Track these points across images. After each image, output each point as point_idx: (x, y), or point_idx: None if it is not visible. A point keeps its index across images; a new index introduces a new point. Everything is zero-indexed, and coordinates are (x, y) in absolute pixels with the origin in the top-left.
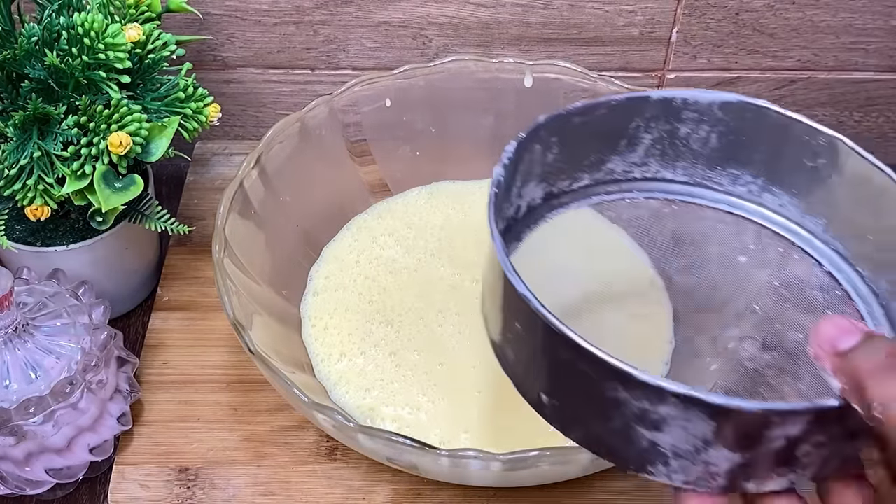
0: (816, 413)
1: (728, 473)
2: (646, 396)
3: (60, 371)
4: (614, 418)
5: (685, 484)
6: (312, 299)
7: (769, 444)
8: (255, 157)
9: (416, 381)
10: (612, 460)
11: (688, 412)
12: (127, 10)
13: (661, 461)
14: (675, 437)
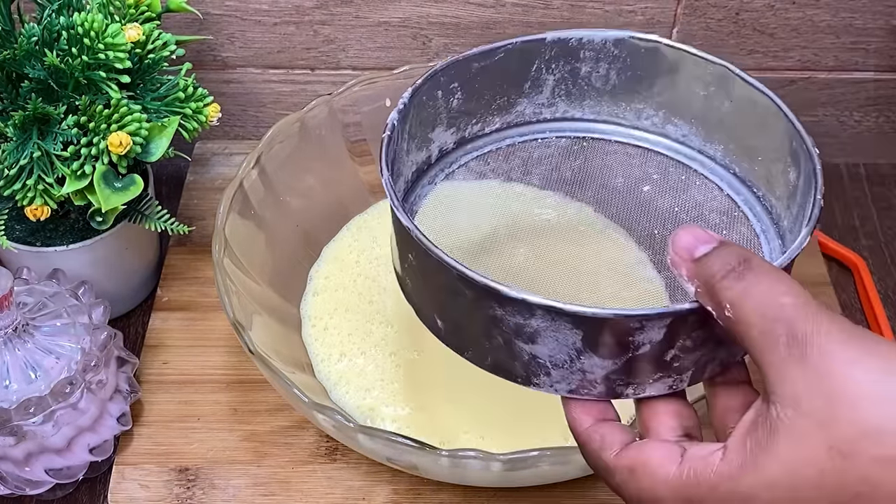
0: (673, 316)
1: (605, 380)
2: (517, 311)
3: (60, 371)
4: (496, 335)
5: (569, 393)
6: (312, 299)
7: (636, 350)
8: (255, 157)
9: (416, 381)
10: (502, 375)
11: (555, 323)
12: (127, 10)
13: (544, 372)
14: (549, 349)
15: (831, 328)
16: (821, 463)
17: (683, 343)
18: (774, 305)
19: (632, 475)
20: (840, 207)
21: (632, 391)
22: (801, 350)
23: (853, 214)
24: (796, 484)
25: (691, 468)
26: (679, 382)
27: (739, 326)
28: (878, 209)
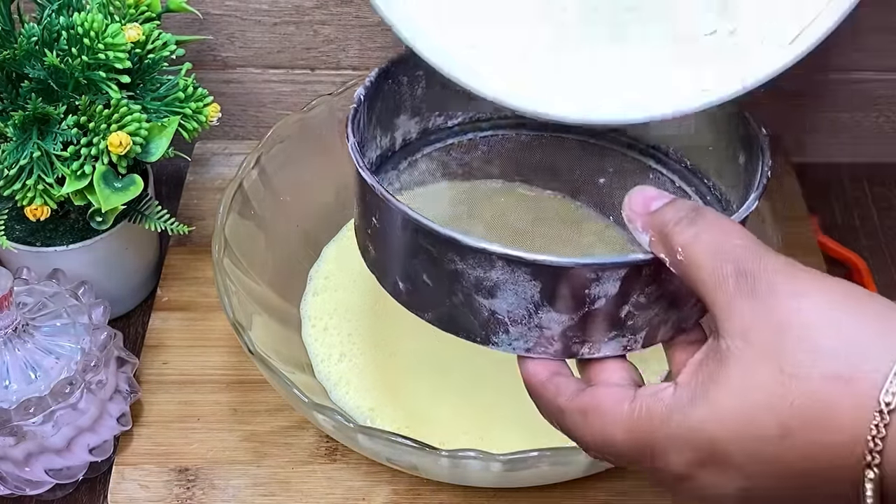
0: (628, 267)
1: (562, 337)
2: (478, 263)
3: (60, 371)
4: (456, 291)
5: (526, 352)
6: (312, 299)
7: (592, 305)
8: (255, 157)
9: (417, 381)
10: (462, 335)
11: (514, 274)
12: (127, 9)
13: (502, 330)
14: (508, 303)
15: (778, 265)
16: (771, 387)
17: (637, 299)
18: (724, 246)
19: (584, 418)
20: (840, 207)
21: (587, 350)
22: (750, 285)
23: (853, 214)
24: (747, 409)
25: (642, 405)
26: (633, 343)
27: (690, 269)
28: (878, 209)
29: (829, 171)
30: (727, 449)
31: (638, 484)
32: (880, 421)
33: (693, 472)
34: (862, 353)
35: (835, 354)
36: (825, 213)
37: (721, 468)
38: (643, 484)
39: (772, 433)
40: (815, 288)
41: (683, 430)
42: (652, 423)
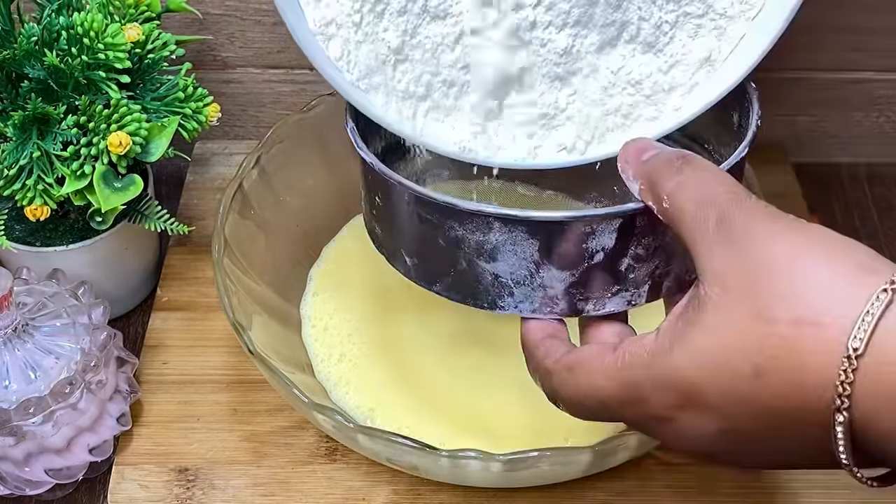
0: (621, 217)
1: (565, 295)
2: (476, 227)
3: (60, 371)
4: (459, 258)
5: (533, 313)
6: (312, 299)
7: (591, 259)
8: (255, 157)
9: (417, 381)
10: (470, 302)
11: (512, 234)
12: (126, 9)
13: (507, 293)
14: (510, 265)
15: (757, 211)
16: (743, 329)
17: (636, 251)
18: (708, 193)
19: (570, 373)
20: (840, 208)
21: (592, 307)
22: (729, 231)
23: (853, 215)
24: (722, 350)
25: (626, 352)
26: (637, 297)
27: (675, 216)
28: (878, 209)
29: (829, 171)
30: (704, 389)
31: (638, 484)
32: (848, 366)
33: (674, 415)
34: (831, 298)
35: (804, 299)
36: (825, 213)
37: (700, 409)
38: (643, 484)
39: (746, 373)
40: (791, 233)
41: (664, 373)
42: (634, 368)
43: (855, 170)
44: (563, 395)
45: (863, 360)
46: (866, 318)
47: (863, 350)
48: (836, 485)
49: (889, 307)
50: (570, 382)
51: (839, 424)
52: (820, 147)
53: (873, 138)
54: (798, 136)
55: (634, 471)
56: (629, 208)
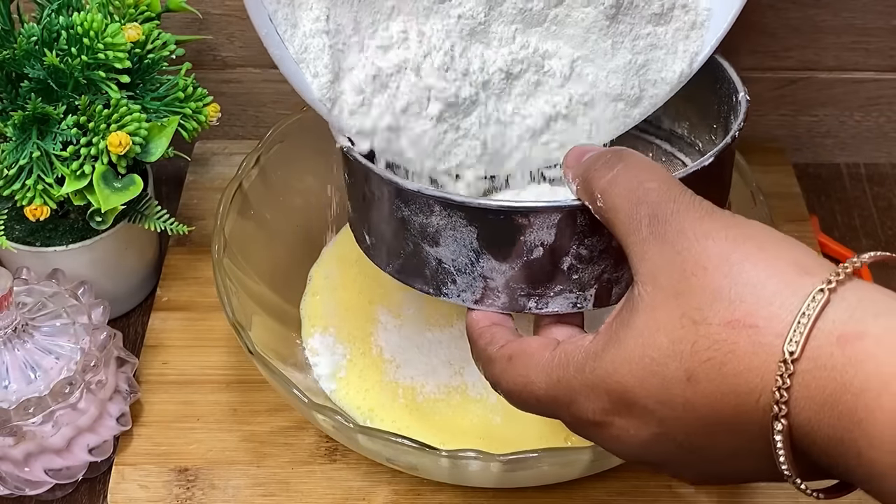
0: (559, 212)
1: (507, 289)
2: (419, 209)
3: (60, 371)
4: (407, 240)
5: (475, 304)
6: (312, 299)
7: (530, 253)
8: (255, 157)
9: (417, 381)
10: (417, 286)
11: (451, 219)
12: (126, 9)
13: (450, 280)
14: (451, 251)
15: (690, 207)
16: (673, 331)
17: (578, 250)
18: (639, 189)
19: (510, 363)
20: (840, 207)
21: (534, 304)
22: (662, 228)
23: (853, 214)
24: (649, 353)
25: (563, 351)
26: (583, 300)
27: (609, 213)
28: (878, 209)
29: (829, 171)
30: (637, 394)
31: (638, 484)
32: (784, 371)
33: (608, 419)
34: (766, 298)
35: (738, 299)
36: (825, 213)
37: (634, 414)
38: (643, 484)
39: (677, 378)
40: (726, 230)
41: (596, 377)
42: (568, 369)
43: (855, 170)
44: (502, 384)
45: (799, 364)
46: (802, 321)
47: (799, 354)
48: None
49: (825, 308)
50: (509, 372)
51: (778, 433)
52: (820, 147)
53: (873, 138)
54: (798, 136)
55: (634, 471)
56: (567, 203)
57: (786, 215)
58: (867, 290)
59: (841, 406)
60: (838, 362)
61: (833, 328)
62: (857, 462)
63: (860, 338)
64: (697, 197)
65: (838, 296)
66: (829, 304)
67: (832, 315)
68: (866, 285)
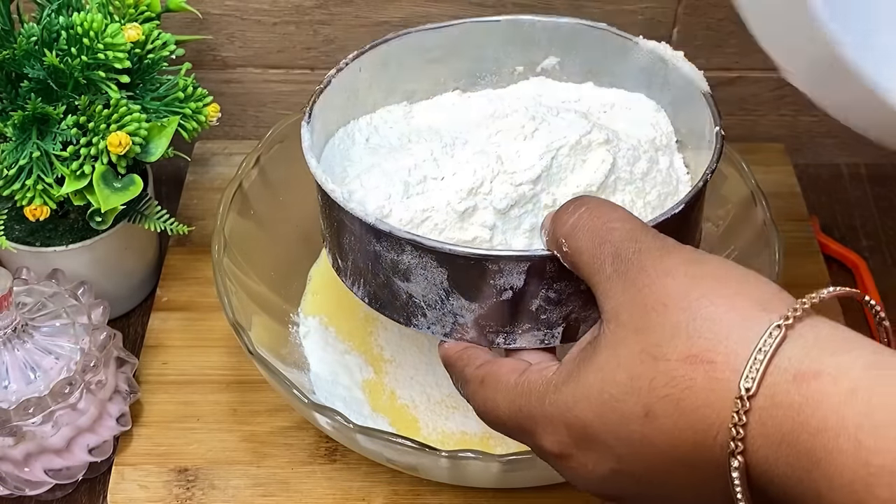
0: (529, 260)
1: (476, 326)
2: (391, 247)
3: (59, 371)
4: (378, 272)
5: (444, 336)
6: (312, 299)
7: (500, 296)
8: (255, 157)
9: (418, 381)
10: (387, 314)
11: (422, 259)
12: (126, 9)
13: (420, 313)
14: (422, 287)
15: (652, 245)
16: (632, 368)
17: (547, 294)
18: (602, 230)
19: (481, 385)
20: (840, 207)
21: (503, 340)
22: (624, 267)
23: (854, 214)
24: (608, 389)
25: (527, 380)
26: (551, 337)
27: (574, 256)
28: (878, 209)
29: (829, 171)
30: (596, 429)
31: None
32: (741, 408)
33: (568, 451)
34: (722, 334)
35: (696, 335)
36: (825, 213)
37: (593, 449)
38: None
39: (636, 413)
40: (686, 265)
41: (556, 409)
42: (531, 397)
43: (855, 170)
44: (474, 404)
45: (755, 400)
46: (758, 357)
47: (755, 390)
48: None
49: (782, 345)
50: (480, 394)
51: (735, 469)
52: (820, 147)
53: None
54: (798, 136)
55: None
56: (537, 253)
57: (786, 215)
58: (825, 328)
59: (798, 445)
60: (794, 401)
61: (789, 365)
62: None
63: (816, 377)
64: (660, 235)
65: (795, 332)
66: (785, 341)
67: (788, 352)
68: (824, 323)
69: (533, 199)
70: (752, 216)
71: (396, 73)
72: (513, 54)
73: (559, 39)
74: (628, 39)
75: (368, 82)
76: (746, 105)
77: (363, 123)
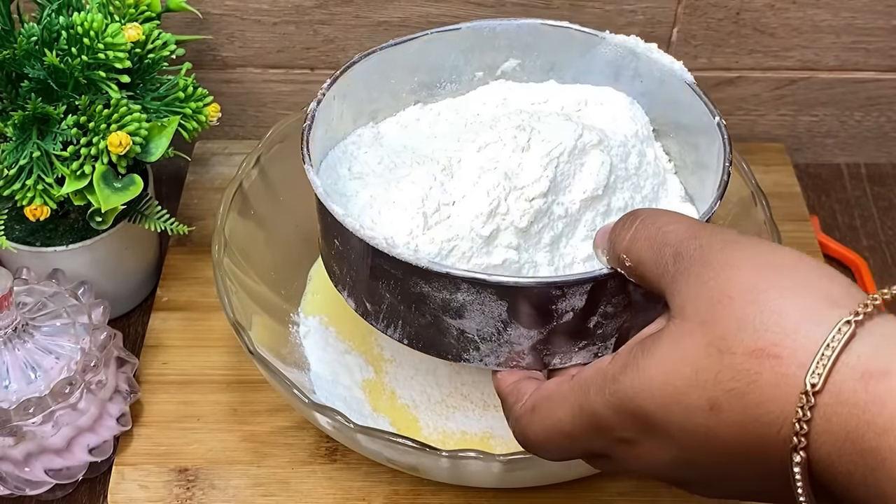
0: (590, 282)
1: (532, 351)
2: (443, 286)
3: (60, 371)
4: (424, 313)
5: (498, 366)
6: (312, 299)
7: (560, 319)
8: (255, 157)
9: (418, 381)
10: (432, 353)
11: (480, 295)
12: (126, 9)
13: (473, 347)
14: (477, 322)
15: (713, 239)
16: (697, 361)
17: (605, 309)
18: (659, 235)
19: (534, 413)
20: (841, 207)
21: (559, 360)
22: (686, 264)
23: (854, 214)
24: (672, 381)
25: (581, 377)
26: (604, 349)
27: (638, 269)
28: (878, 209)
29: (829, 171)
30: (658, 419)
31: (638, 484)
32: (805, 404)
33: (635, 437)
34: (790, 328)
35: (761, 328)
36: (825, 213)
37: (656, 437)
38: (643, 484)
39: (700, 407)
40: (755, 259)
41: (617, 399)
42: (589, 392)
43: (855, 170)
44: (530, 437)
45: (821, 397)
46: (826, 353)
47: (821, 386)
48: None
49: (851, 342)
50: (536, 422)
51: (796, 465)
52: (820, 147)
53: (873, 138)
54: (798, 136)
55: None
56: (600, 273)
57: (786, 215)
58: (895, 326)
59: (863, 444)
60: (861, 399)
61: (857, 363)
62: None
63: (885, 376)
64: (720, 228)
65: (865, 330)
66: (854, 338)
67: (857, 349)
68: (894, 320)
69: (547, 212)
70: (753, 216)
71: (364, 94)
72: (472, 61)
73: (520, 41)
74: (594, 35)
75: (340, 110)
76: (746, 105)
77: (339, 153)
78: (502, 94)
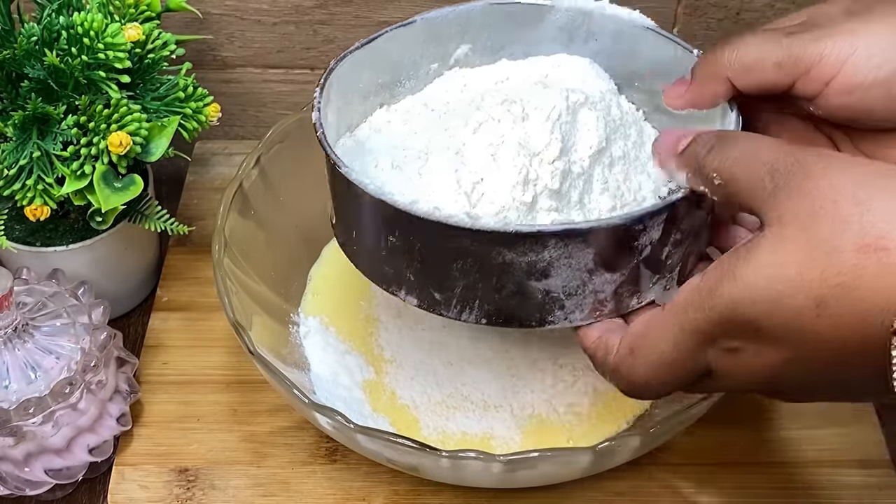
0: (666, 209)
1: (614, 296)
2: (528, 248)
3: (60, 371)
4: (507, 283)
5: (582, 320)
6: (312, 299)
7: (640, 255)
8: (255, 157)
9: (418, 381)
10: (514, 325)
11: (568, 247)
12: (126, 9)
13: (558, 307)
14: (563, 278)
15: (808, 153)
16: (801, 262)
17: (675, 237)
18: (752, 153)
19: (634, 355)
20: None
21: (636, 301)
22: (785, 179)
23: None
24: (775, 286)
25: (675, 303)
26: (670, 281)
27: (729, 187)
28: None
29: None
30: (762, 324)
31: (637, 484)
32: None
33: (741, 345)
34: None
35: (867, 224)
36: None
37: (763, 343)
38: (643, 484)
39: (807, 307)
40: (849, 168)
41: (717, 313)
42: (687, 313)
43: None
44: (637, 380)
45: None
46: None
47: None
48: (834, 484)
49: None
50: (639, 363)
51: (894, 348)
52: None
53: None
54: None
55: (634, 471)
56: (675, 198)
57: None
58: None
59: None
60: None
61: None
62: None
63: None
64: (807, 146)
65: None
66: None
67: None
68: None
69: (568, 173)
70: None
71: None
72: (426, 54)
73: (471, 24)
74: (542, 6)
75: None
76: None
77: None
78: (461, 82)
